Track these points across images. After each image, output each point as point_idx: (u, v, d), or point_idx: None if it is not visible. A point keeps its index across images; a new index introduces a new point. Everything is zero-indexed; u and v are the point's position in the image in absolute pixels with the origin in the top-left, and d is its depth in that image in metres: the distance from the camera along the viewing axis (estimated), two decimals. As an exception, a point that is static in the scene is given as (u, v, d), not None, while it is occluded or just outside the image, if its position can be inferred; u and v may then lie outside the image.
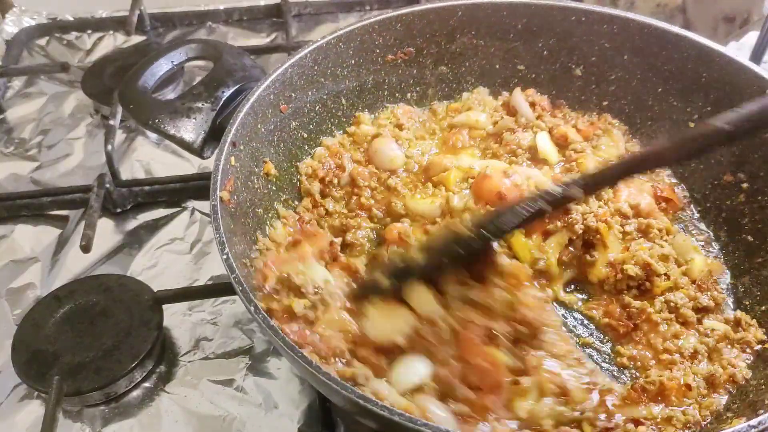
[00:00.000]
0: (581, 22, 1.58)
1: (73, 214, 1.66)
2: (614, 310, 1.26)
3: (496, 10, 1.60)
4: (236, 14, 2.34)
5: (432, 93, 1.69)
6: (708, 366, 1.18)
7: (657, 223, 1.37)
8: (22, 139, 1.89)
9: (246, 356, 1.34)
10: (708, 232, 1.43)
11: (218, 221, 1.11)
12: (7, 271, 1.53)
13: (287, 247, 1.30)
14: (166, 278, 1.50)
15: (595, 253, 1.32)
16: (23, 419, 1.27)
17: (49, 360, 1.26)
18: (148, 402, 1.29)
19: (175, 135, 1.28)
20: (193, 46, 1.44)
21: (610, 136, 1.57)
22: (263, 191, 1.37)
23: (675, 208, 1.45)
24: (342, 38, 1.51)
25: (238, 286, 1.02)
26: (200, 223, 1.63)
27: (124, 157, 1.81)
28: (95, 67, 2.03)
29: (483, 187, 1.40)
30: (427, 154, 1.55)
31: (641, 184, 1.45)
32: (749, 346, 1.20)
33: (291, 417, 1.25)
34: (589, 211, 1.34)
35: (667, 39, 1.51)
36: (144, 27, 2.27)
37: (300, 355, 0.94)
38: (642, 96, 1.60)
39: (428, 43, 1.63)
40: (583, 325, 1.29)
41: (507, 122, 1.58)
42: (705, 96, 1.50)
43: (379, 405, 0.88)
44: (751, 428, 0.90)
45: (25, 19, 2.30)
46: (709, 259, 1.36)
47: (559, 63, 1.66)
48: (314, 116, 1.53)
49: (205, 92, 1.32)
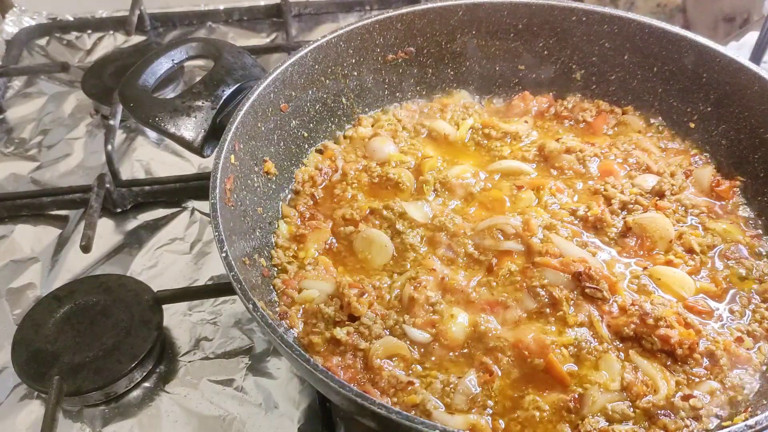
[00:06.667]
0: (581, 22, 1.58)
1: (73, 214, 1.66)
2: None
3: (497, 10, 1.60)
4: (236, 14, 2.35)
5: (432, 92, 1.70)
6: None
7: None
8: (22, 139, 1.89)
9: (246, 356, 1.34)
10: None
11: (218, 219, 1.11)
12: (7, 271, 1.53)
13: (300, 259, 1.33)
14: (166, 278, 1.50)
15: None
16: (23, 419, 1.27)
17: (49, 360, 1.26)
18: (148, 402, 1.29)
19: (175, 133, 1.28)
20: (194, 44, 1.44)
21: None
22: (263, 190, 1.37)
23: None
24: (342, 37, 1.51)
25: (237, 285, 1.02)
26: (200, 223, 1.63)
27: (124, 157, 1.81)
28: (95, 67, 2.04)
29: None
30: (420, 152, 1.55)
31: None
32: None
33: (291, 417, 1.25)
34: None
35: (667, 39, 1.51)
36: (144, 27, 2.27)
37: (299, 354, 0.94)
38: (642, 96, 1.61)
39: (429, 43, 1.63)
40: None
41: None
42: (705, 96, 1.50)
43: (378, 404, 0.88)
44: (748, 428, 0.90)
45: (25, 19, 2.30)
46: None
47: (559, 63, 1.66)
48: (315, 115, 1.53)
49: (205, 91, 1.32)
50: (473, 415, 1.08)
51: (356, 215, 1.38)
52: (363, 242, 1.33)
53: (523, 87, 1.69)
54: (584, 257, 1.26)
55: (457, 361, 1.16)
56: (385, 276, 1.29)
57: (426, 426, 0.86)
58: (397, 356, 1.15)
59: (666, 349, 1.14)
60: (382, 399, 1.08)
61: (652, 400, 1.09)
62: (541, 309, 1.21)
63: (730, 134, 1.48)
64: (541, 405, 1.09)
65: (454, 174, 1.46)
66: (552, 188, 1.42)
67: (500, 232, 1.32)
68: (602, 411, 1.08)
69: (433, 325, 1.19)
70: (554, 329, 1.18)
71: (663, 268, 1.29)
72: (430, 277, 1.25)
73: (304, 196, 1.45)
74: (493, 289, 1.25)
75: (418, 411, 1.08)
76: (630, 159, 1.50)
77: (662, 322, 1.15)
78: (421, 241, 1.34)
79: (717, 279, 1.28)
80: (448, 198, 1.43)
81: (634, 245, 1.33)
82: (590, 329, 1.19)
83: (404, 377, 1.11)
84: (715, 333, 1.19)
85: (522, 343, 1.15)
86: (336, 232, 1.38)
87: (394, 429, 0.90)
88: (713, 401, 1.10)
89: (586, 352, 1.15)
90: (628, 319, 1.18)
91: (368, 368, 1.13)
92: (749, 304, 1.25)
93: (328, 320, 1.20)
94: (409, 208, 1.38)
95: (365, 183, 1.47)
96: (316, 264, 1.32)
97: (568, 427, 1.07)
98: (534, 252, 1.28)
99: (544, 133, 1.61)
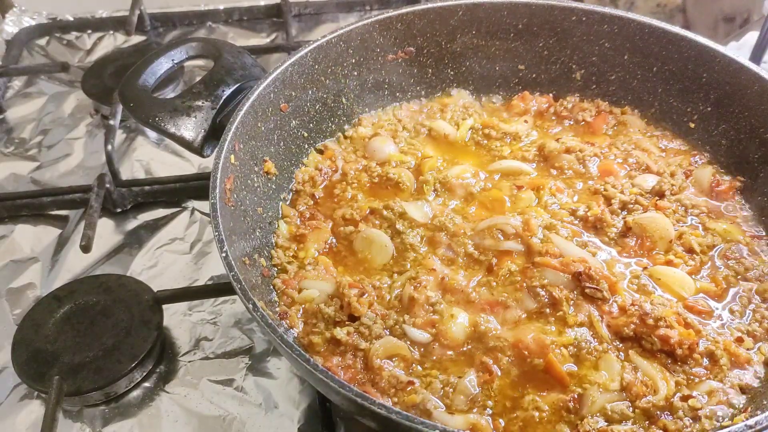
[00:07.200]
0: (581, 22, 1.58)
1: (73, 214, 1.66)
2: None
3: (497, 10, 1.60)
4: (236, 14, 2.34)
5: (432, 92, 1.70)
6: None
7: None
8: (22, 139, 1.89)
9: (246, 356, 1.34)
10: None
11: (218, 219, 1.11)
12: (7, 271, 1.53)
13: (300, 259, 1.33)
14: (166, 278, 1.50)
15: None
16: (23, 419, 1.27)
17: (49, 360, 1.26)
18: (148, 402, 1.29)
19: (175, 133, 1.28)
20: (194, 44, 1.44)
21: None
22: (263, 190, 1.37)
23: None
24: (342, 37, 1.51)
25: (237, 285, 1.02)
26: (200, 223, 1.63)
27: (124, 157, 1.81)
28: (95, 67, 2.04)
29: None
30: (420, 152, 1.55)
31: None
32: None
33: (291, 417, 1.25)
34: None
35: (667, 39, 1.51)
36: (144, 27, 2.27)
37: (299, 354, 0.94)
38: (642, 96, 1.61)
39: (429, 43, 1.63)
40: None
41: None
42: (705, 96, 1.50)
43: (378, 404, 0.88)
44: (748, 428, 0.90)
45: (25, 19, 2.30)
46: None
47: (559, 63, 1.66)
48: (315, 115, 1.53)
49: (205, 91, 1.32)
50: (473, 415, 1.08)
51: (356, 215, 1.38)
52: (363, 242, 1.33)
53: (523, 87, 1.69)
54: (584, 257, 1.26)
55: (457, 361, 1.16)
56: (385, 276, 1.29)
57: (426, 426, 0.86)
58: (397, 356, 1.15)
59: (666, 349, 1.14)
60: (382, 399, 1.08)
61: (652, 400, 1.09)
62: (541, 309, 1.21)
63: (730, 134, 1.48)
64: (541, 405, 1.09)
65: (454, 174, 1.46)
66: (552, 188, 1.43)
67: (500, 232, 1.33)
68: (602, 411, 1.08)
69: (433, 325, 1.19)
70: (554, 329, 1.18)
71: (663, 268, 1.29)
72: (430, 277, 1.25)
73: (304, 196, 1.45)
74: (493, 289, 1.25)
75: (418, 411, 1.08)
76: (630, 159, 1.50)
77: (662, 322, 1.15)
78: (421, 241, 1.34)
79: (717, 279, 1.28)
80: (448, 198, 1.43)
81: (634, 245, 1.33)
82: (590, 329, 1.19)
83: (404, 377, 1.11)
84: (715, 333, 1.19)
85: (522, 343, 1.15)
86: (336, 232, 1.38)
87: (394, 429, 0.90)
88: (713, 401, 1.10)
89: (586, 352, 1.15)
90: (628, 319, 1.18)
91: (368, 368, 1.13)
92: (749, 304, 1.25)
93: (328, 320, 1.20)
94: (409, 208, 1.38)
95: (365, 183, 1.48)
96: (316, 264, 1.32)
97: (568, 428, 1.07)
98: (534, 252, 1.28)
99: (544, 133, 1.61)
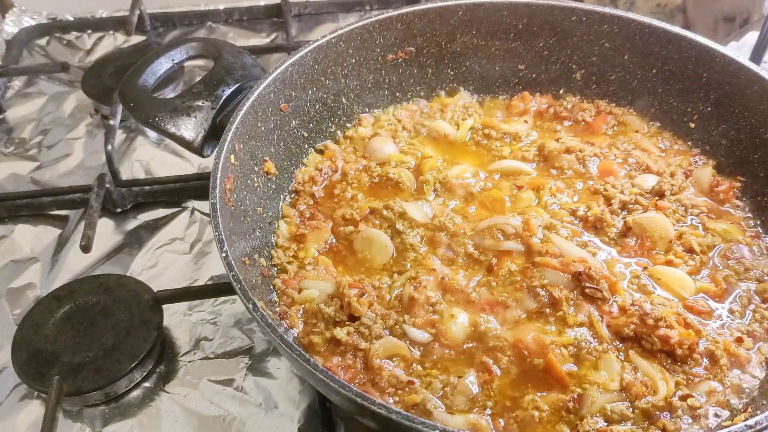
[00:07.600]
0: (581, 22, 1.58)
1: (73, 214, 1.66)
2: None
3: (497, 10, 1.60)
4: (236, 14, 2.34)
5: (432, 92, 1.70)
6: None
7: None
8: (22, 139, 1.89)
9: (246, 356, 1.34)
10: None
11: (218, 219, 1.11)
12: (7, 271, 1.53)
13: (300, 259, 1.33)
14: (166, 278, 1.50)
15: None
16: (23, 419, 1.27)
17: (49, 360, 1.26)
18: (148, 402, 1.29)
19: (175, 133, 1.28)
20: (194, 44, 1.44)
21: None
22: (263, 190, 1.37)
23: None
24: (342, 37, 1.51)
25: (237, 285, 1.02)
26: (200, 223, 1.63)
27: (124, 157, 1.81)
28: (95, 67, 2.04)
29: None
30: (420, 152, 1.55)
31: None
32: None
33: (291, 417, 1.25)
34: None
35: (667, 39, 1.51)
36: (144, 27, 2.27)
37: (299, 354, 0.94)
38: (642, 96, 1.61)
39: (429, 43, 1.63)
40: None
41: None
42: (705, 96, 1.50)
43: (378, 404, 0.88)
44: (748, 428, 0.90)
45: (25, 19, 2.30)
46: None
47: (559, 63, 1.66)
48: (315, 115, 1.53)
49: (205, 91, 1.32)
50: (473, 415, 1.08)
51: (356, 215, 1.38)
52: (363, 242, 1.33)
53: (523, 87, 1.69)
54: (584, 257, 1.26)
55: (457, 361, 1.16)
56: (385, 276, 1.29)
57: (426, 426, 0.86)
58: (397, 356, 1.15)
59: (666, 350, 1.14)
60: (382, 399, 1.08)
61: (652, 400, 1.09)
62: (541, 309, 1.21)
63: (730, 134, 1.48)
64: (541, 405, 1.09)
65: (454, 174, 1.46)
66: (552, 188, 1.43)
67: (500, 232, 1.33)
68: (601, 411, 1.08)
69: (433, 325, 1.19)
70: (554, 329, 1.18)
71: (663, 268, 1.29)
72: (430, 277, 1.25)
73: (304, 196, 1.45)
74: (493, 289, 1.25)
75: (418, 411, 1.08)
76: (630, 159, 1.50)
77: (662, 322, 1.15)
78: (421, 241, 1.34)
79: (717, 279, 1.28)
80: (448, 198, 1.43)
81: (634, 245, 1.33)
82: (590, 329, 1.19)
83: (404, 377, 1.11)
84: (715, 333, 1.19)
85: (522, 343, 1.15)
86: (336, 231, 1.38)
87: (394, 429, 0.90)
88: (712, 401, 1.10)
89: (586, 352, 1.15)
90: (627, 319, 1.18)
91: (368, 368, 1.13)
92: (749, 304, 1.25)
93: (328, 320, 1.20)
94: (409, 208, 1.38)
95: (365, 183, 1.48)
96: (316, 264, 1.32)
97: (567, 428, 1.07)
98: (534, 252, 1.28)
99: (544, 133, 1.61)
